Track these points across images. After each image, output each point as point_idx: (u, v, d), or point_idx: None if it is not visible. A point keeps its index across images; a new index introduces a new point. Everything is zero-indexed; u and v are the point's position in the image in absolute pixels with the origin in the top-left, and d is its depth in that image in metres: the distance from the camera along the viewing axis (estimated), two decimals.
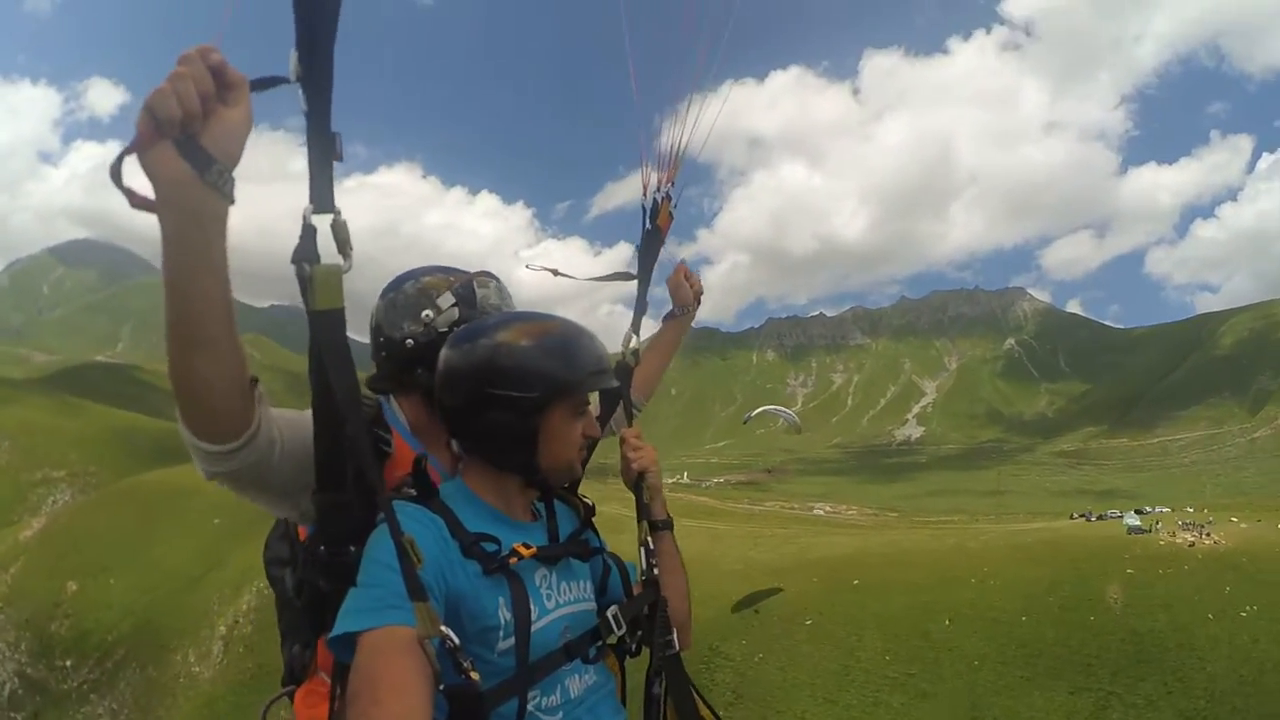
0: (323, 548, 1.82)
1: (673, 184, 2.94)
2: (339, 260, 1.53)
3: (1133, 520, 44.02)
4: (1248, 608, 27.46)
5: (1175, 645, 27.31)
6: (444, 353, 2.04)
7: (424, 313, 2.25)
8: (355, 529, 1.79)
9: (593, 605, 2.12)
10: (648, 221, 2.94)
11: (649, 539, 2.34)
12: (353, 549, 1.77)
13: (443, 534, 1.82)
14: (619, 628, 2.09)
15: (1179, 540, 33.80)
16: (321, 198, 1.48)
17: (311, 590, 1.89)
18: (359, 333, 2.43)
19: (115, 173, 1.31)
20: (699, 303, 3.21)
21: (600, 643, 2.06)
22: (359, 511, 1.78)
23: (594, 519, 2.27)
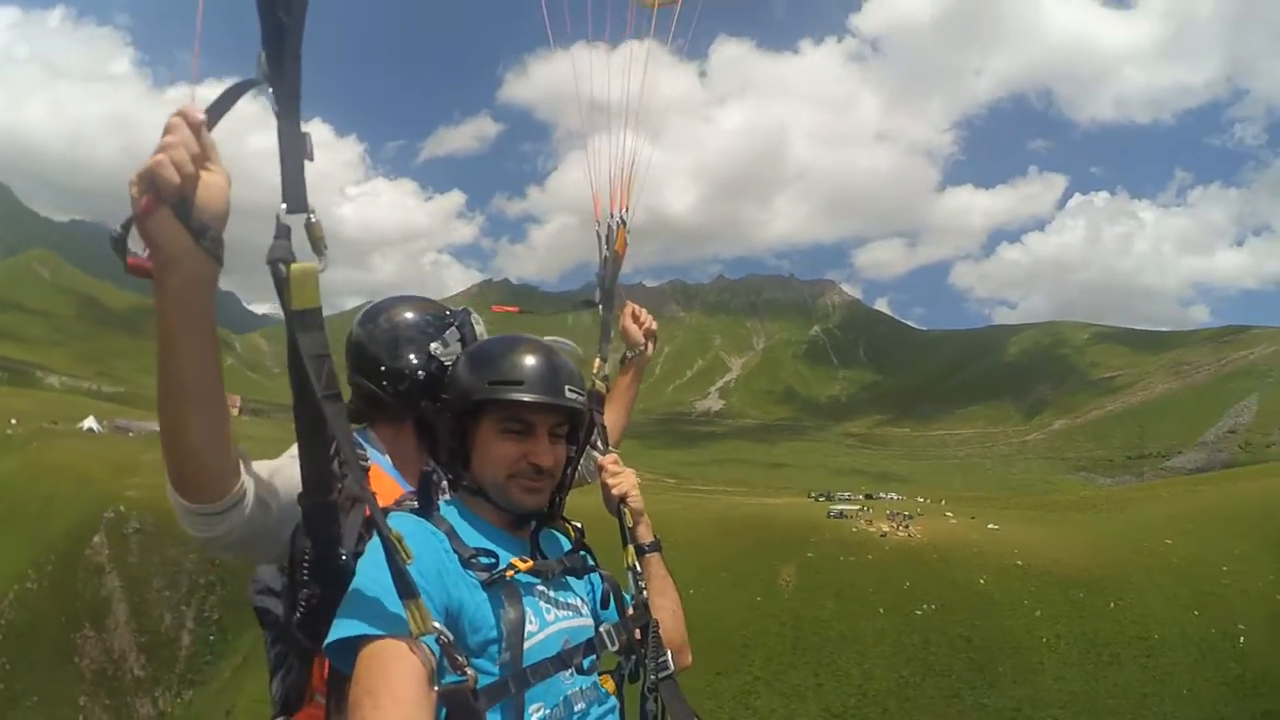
0: (311, 551, 1.82)
1: (627, 209, 2.99)
2: (314, 259, 1.52)
3: (846, 506, 44.44)
4: (924, 606, 27.06)
5: (837, 635, 26.62)
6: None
7: (432, 346, 2.36)
8: (342, 532, 1.83)
9: (590, 622, 2.09)
10: (604, 248, 2.99)
11: (636, 563, 2.33)
12: (343, 552, 1.82)
13: (445, 546, 1.84)
14: (612, 643, 2.07)
15: (873, 529, 33.58)
16: (295, 198, 1.47)
17: (310, 601, 1.87)
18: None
19: (121, 242, 1.38)
20: (653, 341, 3.14)
21: (595, 655, 2.03)
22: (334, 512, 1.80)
23: (584, 541, 2.25)
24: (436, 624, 1.58)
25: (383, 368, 2.34)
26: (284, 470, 1.90)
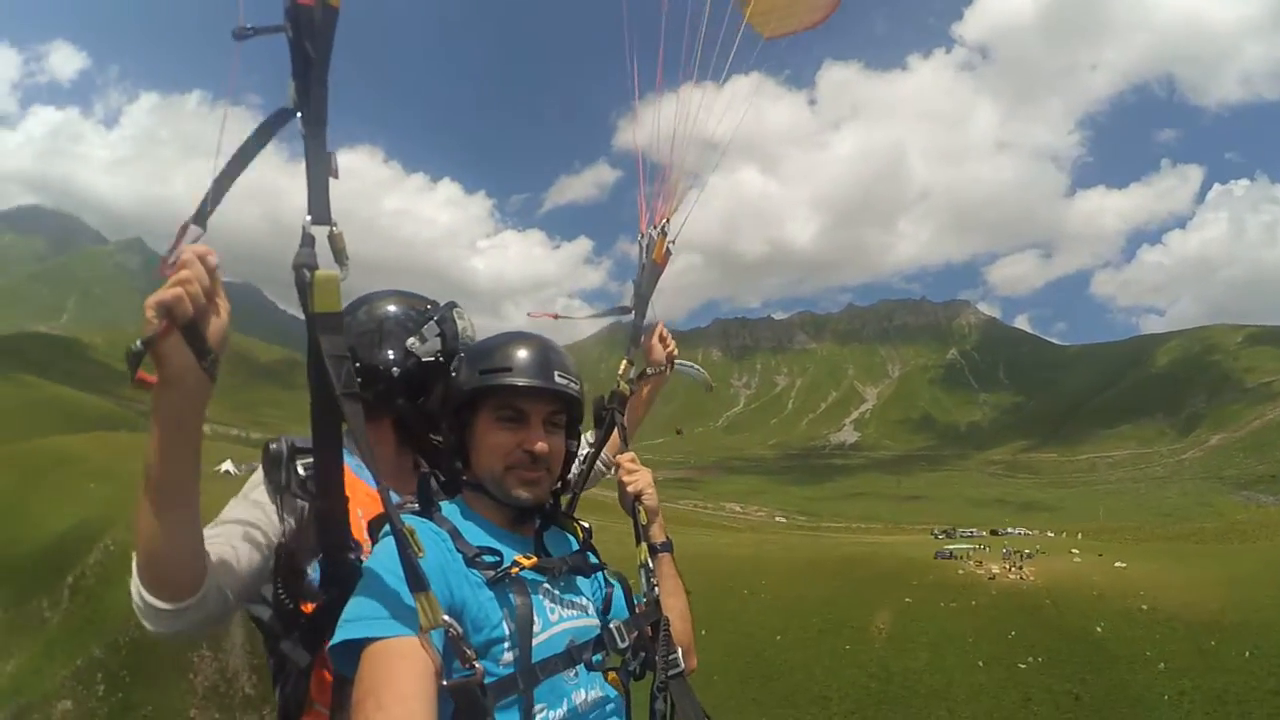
0: (322, 556, 1.86)
1: (669, 220, 2.98)
2: (336, 269, 1.63)
3: (960, 545, 41.18)
4: (1030, 658, 24.39)
5: (927, 690, 24.14)
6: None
7: (409, 341, 2.30)
8: (349, 537, 1.87)
9: (597, 621, 2.09)
10: (643, 256, 2.98)
11: (649, 561, 2.33)
12: (352, 557, 1.86)
13: (448, 545, 1.84)
14: (621, 640, 2.05)
15: (983, 571, 30.68)
16: (319, 210, 1.59)
17: (302, 615, 1.93)
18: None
19: (138, 357, 1.47)
20: (672, 365, 3.10)
21: (603, 652, 2.02)
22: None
23: (592, 541, 2.26)
24: (446, 617, 1.59)
25: (358, 364, 2.24)
26: (244, 541, 1.95)
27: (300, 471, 2.10)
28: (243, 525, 2.01)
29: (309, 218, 1.59)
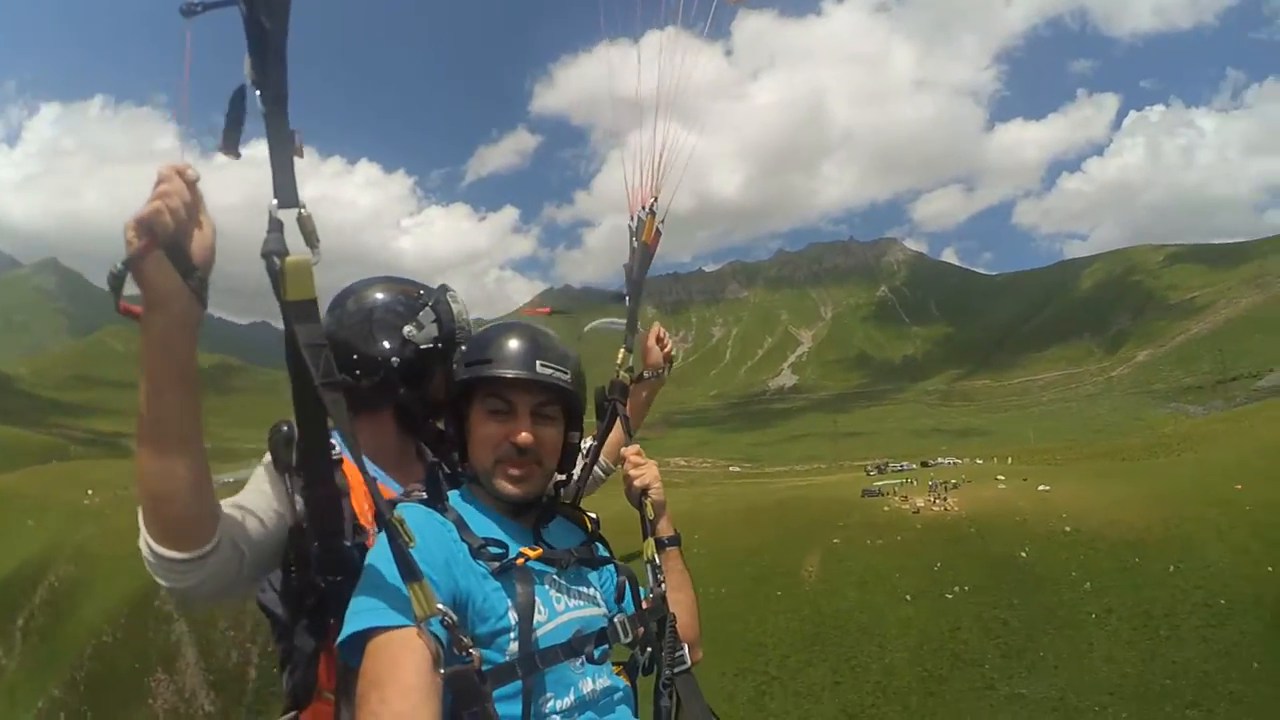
0: (317, 544, 1.84)
1: (656, 200, 2.92)
2: (307, 253, 1.58)
3: (887, 480, 41.14)
4: (956, 589, 24.15)
5: (857, 628, 23.83)
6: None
7: (405, 329, 2.27)
8: (344, 523, 1.86)
9: (604, 612, 2.09)
10: (634, 239, 2.92)
11: (655, 555, 2.31)
12: (347, 543, 1.85)
13: (453, 536, 1.86)
14: (625, 635, 2.04)
15: (907, 506, 30.42)
16: (285, 193, 1.53)
17: (309, 599, 1.91)
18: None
19: (119, 279, 1.44)
20: (670, 365, 3.07)
21: (607, 645, 2.02)
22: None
23: (600, 533, 2.28)
24: (440, 605, 1.60)
25: (355, 355, 2.25)
26: (253, 512, 1.90)
27: None
28: (255, 494, 1.97)
29: (275, 201, 1.52)
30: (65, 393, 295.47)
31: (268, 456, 2.06)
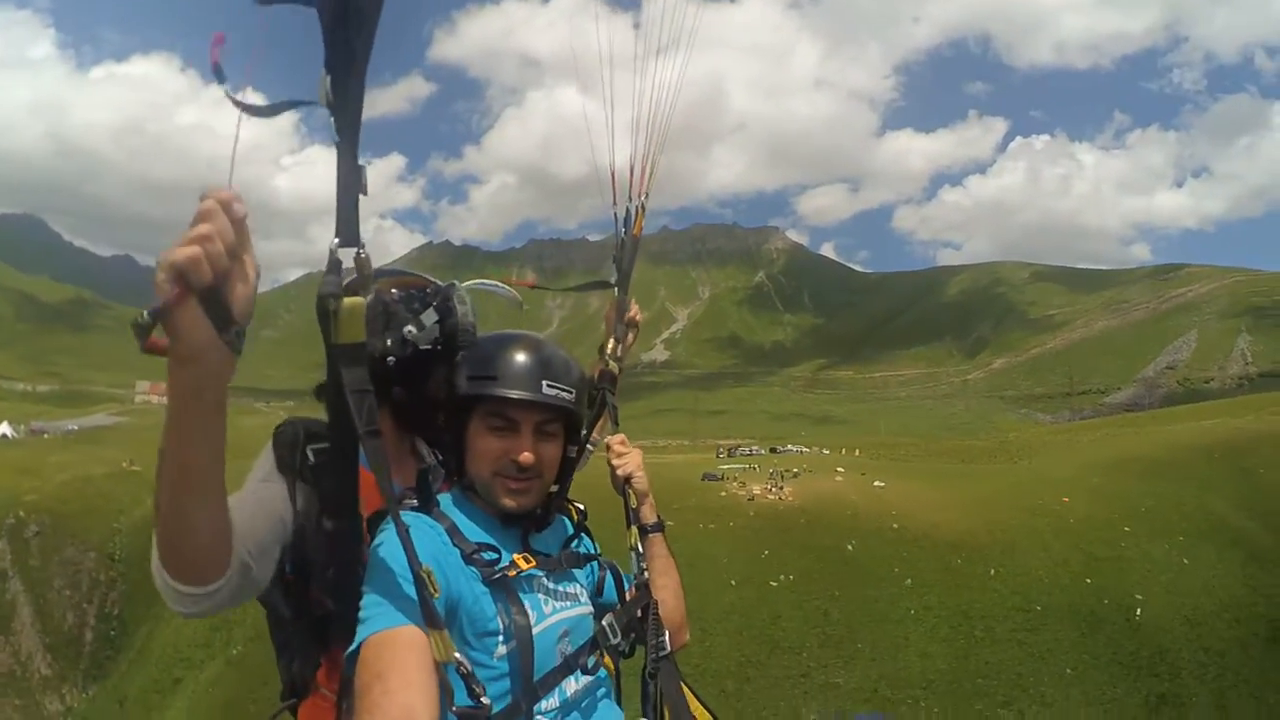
0: (332, 571, 1.87)
1: (646, 195, 2.89)
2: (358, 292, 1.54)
3: (731, 465, 41.32)
4: (781, 576, 24.09)
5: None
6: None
7: (406, 329, 2.23)
8: (364, 553, 1.84)
9: (589, 609, 2.14)
10: (622, 231, 2.85)
11: (639, 543, 2.35)
12: (361, 570, 1.83)
13: (445, 540, 1.87)
14: (614, 636, 2.10)
15: (744, 492, 30.46)
16: (348, 232, 1.48)
17: (317, 610, 1.96)
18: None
19: (143, 332, 1.27)
20: (635, 332, 2.90)
21: (598, 653, 2.07)
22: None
23: (585, 524, 2.31)
24: (458, 655, 1.62)
25: None
26: (257, 514, 1.87)
27: (311, 456, 2.03)
28: (261, 498, 1.93)
29: (336, 240, 1.46)
30: None
31: (267, 450, 2.04)
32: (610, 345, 2.74)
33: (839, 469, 35.75)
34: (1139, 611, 20.93)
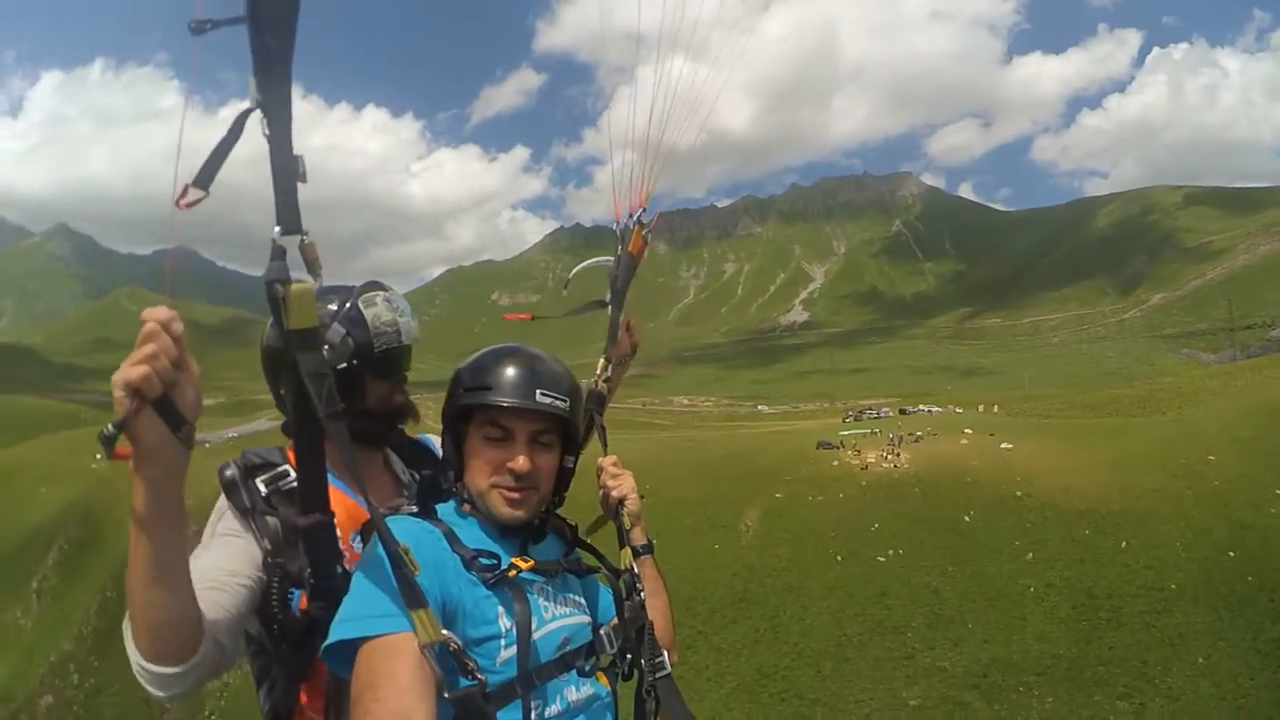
0: (310, 569, 1.89)
1: (645, 210, 2.90)
2: (308, 279, 1.61)
3: (853, 431, 39.44)
4: (889, 552, 22.52)
5: (784, 587, 22.27)
6: None
7: (282, 391, 2.21)
8: (339, 551, 1.92)
9: (589, 620, 2.17)
10: (619, 248, 2.89)
11: (633, 564, 2.36)
12: (339, 568, 1.90)
13: (444, 545, 1.89)
14: (611, 646, 2.14)
15: (858, 460, 28.87)
16: (289, 219, 1.54)
17: (296, 625, 1.96)
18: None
19: (110, 442, 1.45)
20: (635, 354, 3.04)
21: (595, 657, 2.11)
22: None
23: (580, 538, 2.32)
24: (445, 632, 1.63)
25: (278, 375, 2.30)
26: (223, 590, 1.90)
27: (262, 489, 2.05)
28: (222, 571, 1.94)
29: (278, 229, 1.52)
30: (82, 357, 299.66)
31: (223, 500, 2.05)
32: (600, 365, 2.75)
33: (967, 430, 33.43)
34: None
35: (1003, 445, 28.22)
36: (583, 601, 2.19)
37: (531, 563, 2.00)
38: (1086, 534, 21.20)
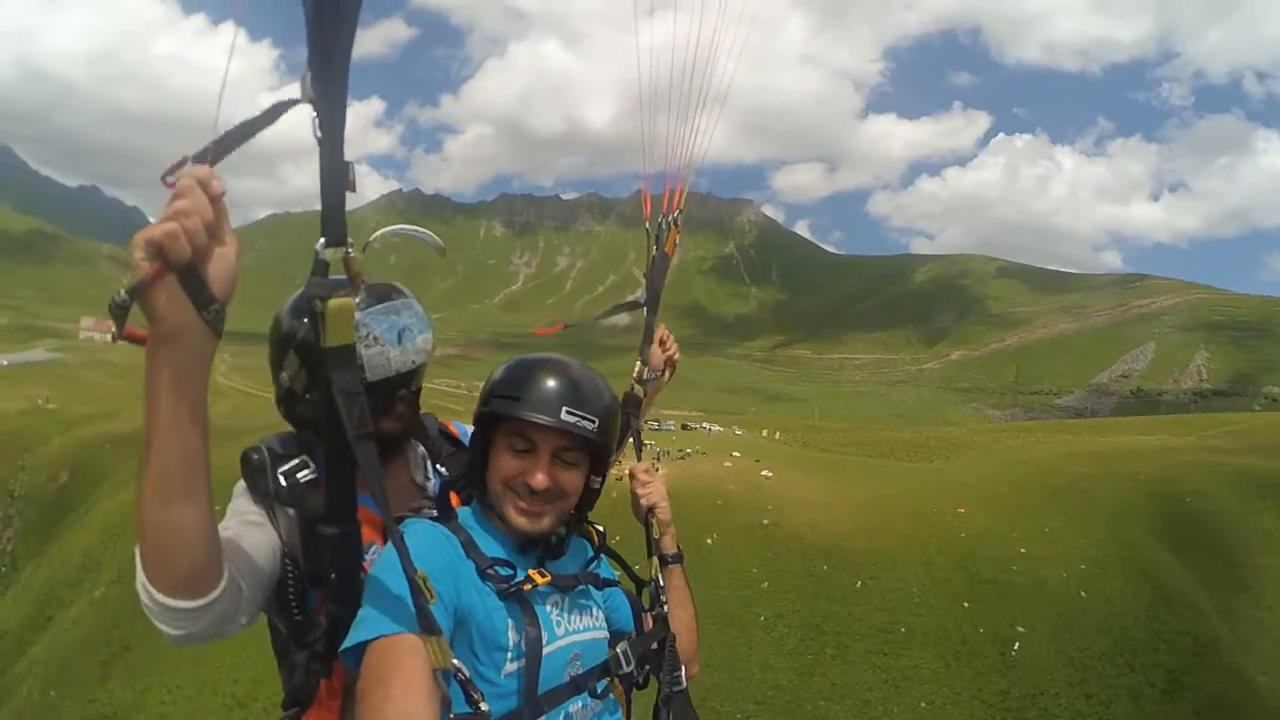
0: (334, 576, 1.82)
1: (680, 211, 2.86)
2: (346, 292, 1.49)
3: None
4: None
5: None
6: None
7: (281, 376, 2.14)
8: (363, 556, 1.83)
9: (605, 634, 2.10)
10: (654, 249, 2.85)
11: (660, 575, 2.32)
12: (360, 577, 1.80)
13: (460, 552, 1.84)
14: (627, 664, 2.07)
15: (615, 472, 27.38)
16: (335, 231, 1.43)
17: (315, 629, 1.92)
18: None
19: (124, 309, 1.25)
20: (673, 369, 2.98)
21: (609, 678, 2.04)
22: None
23: (607, 544, 2.25)
24: (455, 661, 1.59)
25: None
26: (249, 544, 1.83)
27: (282, 480, 1.97)
28: (246, 526, 1.87)
29: (322, 240, 1.41)
30: None
31: (241, 484, 1.99)
32: (637, 368, 2.70)
33: (734, 453, 32.68)
34: (1017, 646, 17.92)
35: (763, 473, 27.33)
36: (600, 614, 2.10)
37: (548, 578, 1.91)
38: (824, 569, 20.25)
